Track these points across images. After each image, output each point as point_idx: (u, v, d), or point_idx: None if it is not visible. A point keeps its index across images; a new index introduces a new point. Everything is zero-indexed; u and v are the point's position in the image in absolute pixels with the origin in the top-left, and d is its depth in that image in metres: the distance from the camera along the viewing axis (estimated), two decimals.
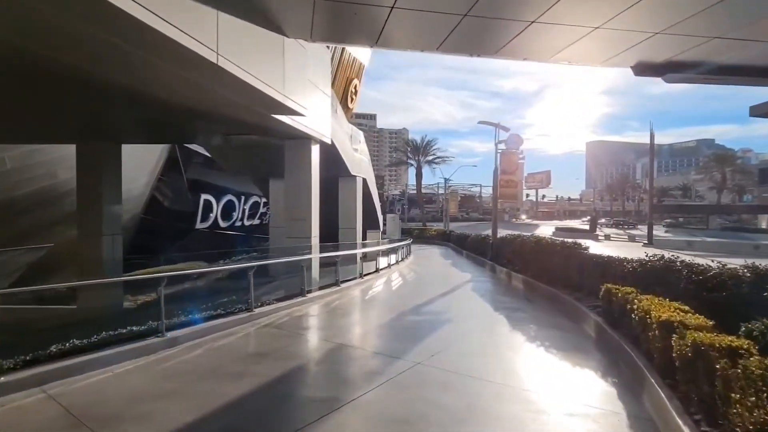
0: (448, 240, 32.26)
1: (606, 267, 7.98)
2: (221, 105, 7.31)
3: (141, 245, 21.49)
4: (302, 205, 10.31)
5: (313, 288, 10.11)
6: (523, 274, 12.17)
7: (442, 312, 8.33)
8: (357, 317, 8.03)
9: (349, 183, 15.55)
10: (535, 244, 11.84)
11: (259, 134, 10.17)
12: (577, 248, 9.80)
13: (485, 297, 10.36)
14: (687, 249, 31.09)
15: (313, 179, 10.41)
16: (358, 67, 39.85)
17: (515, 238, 14.36)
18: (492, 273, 15.30)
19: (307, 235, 10.29)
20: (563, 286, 9.71)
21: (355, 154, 15.39)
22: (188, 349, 5.56)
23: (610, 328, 5.95)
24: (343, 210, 15.61)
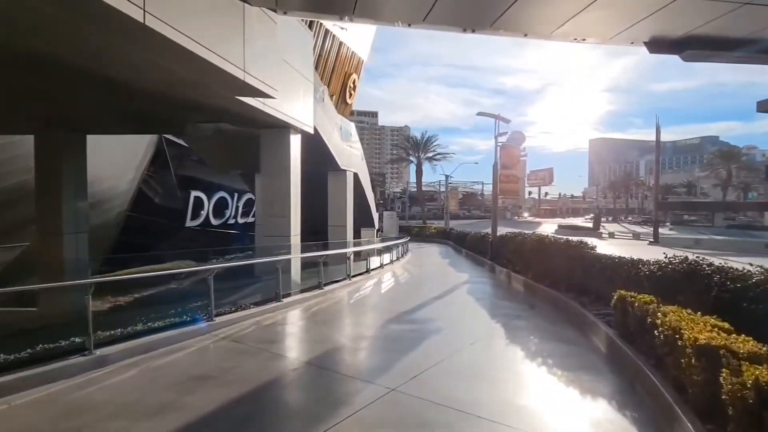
0: (448, 238, 31.34)
1: (616, 269, 7.02)
2: (177, 85, 6.39)
3: (128, 243, 20.63)
4: (280, 201, 9.38)
5: (292, 291, 9.20)
6: (524, 275, 11.22)
7: (431, 320, 7.39)
8: (332, 327, 7.10)
9: (339, 178, 14.62)
10: (537, 243, 10.88)
11: (232, 123, 9.25)
12: (583, 248, 8.84)
13: (482, 301, 9.42)
14: (695, 247, 30.03)
15: (293, 172, 9.48)
16: (357, 62, 39.00)
17: (515, 236, 13.40)
18: (491, 273, 14.35)
19: (285, 234, 9.37)
20: (567, 289, 8.76)
21: (345, 147, 14.45)
22: (118, 370, 4.64)
23: (625, 344, 5.00)
24: (332, 206, 14.68)
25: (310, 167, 14.76)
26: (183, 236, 24.81)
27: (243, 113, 8.14)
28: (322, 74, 33.16)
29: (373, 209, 19.82)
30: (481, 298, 9.85)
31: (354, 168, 15.48)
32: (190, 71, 5.66)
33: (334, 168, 14.11)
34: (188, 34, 4.71)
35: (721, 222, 58.68)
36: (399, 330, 6.77)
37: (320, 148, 12.81)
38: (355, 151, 15.88)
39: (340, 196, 14.63)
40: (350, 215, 15.03)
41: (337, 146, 13.67)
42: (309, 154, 13.60)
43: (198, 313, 6.52)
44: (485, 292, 11.10)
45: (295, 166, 9.67)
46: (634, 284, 6.24)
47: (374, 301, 9.39)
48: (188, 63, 5.28)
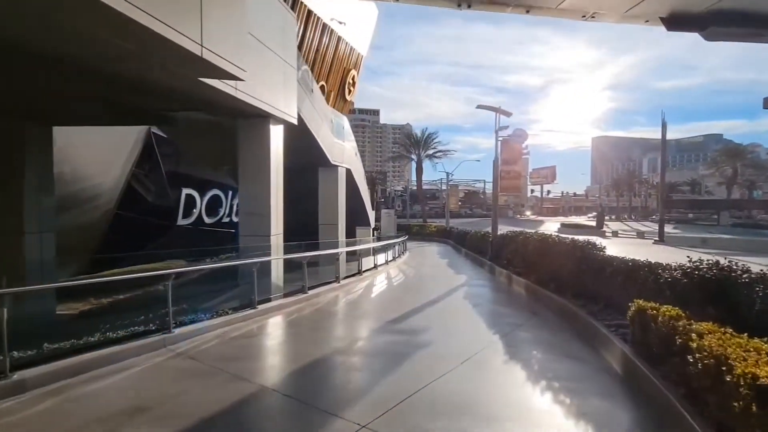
0: (449, 237, 30.54)
1: (631, 274, 6.19)
2: (126, 59, 5.57)
3: (115, 243, 19.89)
4: (259, 197, 8.58)
5: (272, 296, 8.42)
6: (526, 277, 10.40)
7: (422, 330, 6.57)
8: (308, 339, 6.29)
9: (330, 174, 13.81)
10: (540, 243, 10.06)
11: (208, 112, 8.43)
12: (591, 249, 8.01)
13: (479, 307, 8.60)
14: (702, 247, 29.17)
15: (274, 166, 8.67)
16: (356, 58, 38.18)
17: (516, 235, 12.58)
18: (490, 275, 13.52)
19: (265, 233, 8.56)
20: (574, 295, 7.93)
21: (336, 141, 13.63)
22: (34, 400, 3.85)
23: (647, 366, 4.19)
24: (323, 204, 13.88)
25: (298, 162, 13.94)
26: (175, 235, 24.05)
27: (215, 100, 7.31)
28: (319, 70, 32.43)
29: (368, 207, 19.01)
30: (479, 303, 9.03)
31: (346, 164, 14.66)
32: (137, 44, 4.85)
33: (324, 163, 13.30)
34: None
35: (726, 220, 57.77)
36: (383, 343, 5.96)
37: (308, 142, 12.00)
38: (347, 146, 15.05)
39: (331, 193, 13.82)
40: (342, 213, 14.23)
41: (328, 140, 12.85)
42: (296, 148, 12.79)
43: (155, 323, 5.73)
44: (484, 296, 10.28)
45: (277, 159, 8.86)
46: (652, 292, 5.42)
47: (361, 308, 8.58)
48: (131, 34, 4.47)
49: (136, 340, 5.23)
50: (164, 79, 6.46)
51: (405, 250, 23.17)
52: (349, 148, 15.25)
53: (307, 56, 30.63)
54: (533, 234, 11.33)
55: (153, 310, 6.24)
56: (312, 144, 12.11)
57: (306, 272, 9.17)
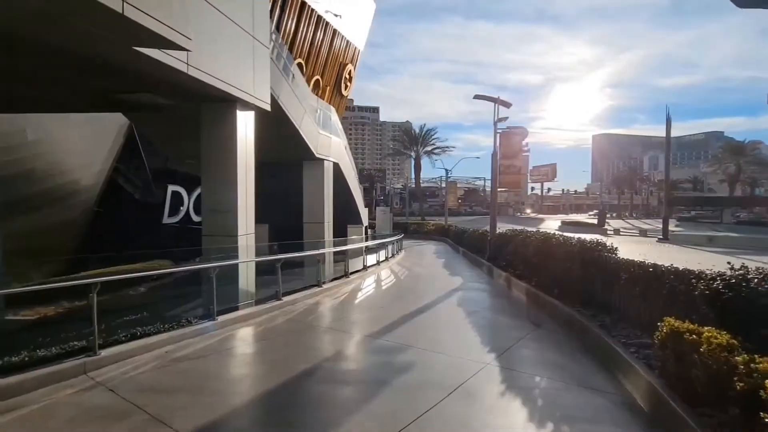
0: (446, 235, 29.56)
1: (653, 283, 5.18)
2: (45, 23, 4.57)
3: (96, 242, 18.92)
4: (224, 192, 7.57)
5: (240, 304, 7.43)
6: (527, 281, 9.40)
7: (405, 348, 5.57)
8: (264, 361, 5.29)
9: (315, 168, 12.80)
10: (542, 244, 9.06)
11: (163, 95, 7.41)
12: (602, 251, 7.00)
13: (474, 316, 7.59)
14: (708, 245, 28.22)
15: (242, 157, 7.66)
16: (353, 52, 37.08)
17: (517, 234, 11.58)
18: (489, 278, 12.53)
19: (231, 233, 7.55)
20: (582, 303, 6.94)
21: (322, 133, 12.61)
22: None
23: (686, 410, 3.19)
24: (308, 201, 12.88)
25: (280, 155, 12.93)
26: (161, 234, 23.05)
27: (168, 79, 6.30)
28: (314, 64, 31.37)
29: (359, 205, 18.00)
30: (475, 311, 8.02)
31: (334, 157, 13.65)
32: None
33: (308, 156, 12.29)
34: None
35: (729, 218, 56.79)
36: (356, 367, 4.96)
37: (290, 133, 10.99)
38: (335, 139, 14.02)
39: (317, 190, 12.82)
40: (329, 211, 13.23)
41: (311, 131, 11.84)
42: (276, 139, 11.77)
43: (80, 342, 4.73)
44: (480, 302, 9.27)
45: (246, 150, 7.84)
46: (682, 307, 4.43)
47: (341, 318, 7.56)
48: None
49: (46, 366, 4.22)
50: (102, 53, 5.44)
51: (400, 249, 22.17)
52: (338, 142, 14.23)
53: (301, 49, 29.60)
54: (535, 233, 10.33)
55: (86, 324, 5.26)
56: (293, 135, 11.10)
57: (280, 276, 8.17)
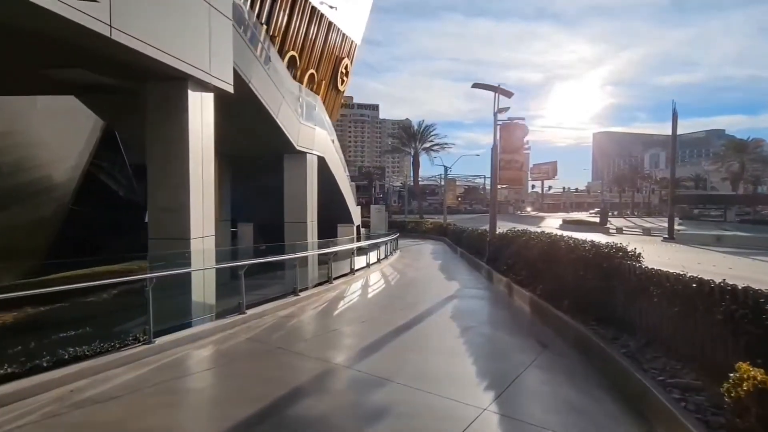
0: (445, 234, 28.42)
1: (699, 302, 4.02)
2: None
3: (72, 241, 17.78)
4: (174, 188, 6.41)
5: (195, 320, 6.29)
6: (530, 289, 8.26)
7: (381, 383, 4.41)
8: (194, 404, 4.15)
9: (296, 162, 11.62)
10: (549, 247, 7.90)
11: (89, 68, 6.24)
12: (623, 258, 5.84)
13: (470, 334, 6.42)
14: (716, 245, 27.11)
15: (196, 146, 6.50)
16: (349, 46, 35.76)
17: (519, 235, 10.42)
18: (488, 283, 11.37)
19: (182, 235, 6.39)
20: (599, 319, 5.80)
21: (304, 124, 11.44)
22: None
23: None
24: (289, 198, 11.71)
25: (257, 148, 11.77)
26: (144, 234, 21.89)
27: (90, 47, 5.13)
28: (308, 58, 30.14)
29: (350, 203, 16.82)
30: (470, 327, 6.86)
31: (318, 151, 12.47)
32: None
33: (289, 149, 11.12)
34: None
35: (733, 216, 55.70)
36: (317, 414, 3.79)
37: (266, 122, 9.82)
38: (320, 131, 12.84)
39: (298, 186, 11.65)
40: (312, 209, 12.07)
41: (291, 121, 10.66)
42: (250, 129, 10.63)
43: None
44: (477, 314, 8.11)
45: (202, 138, 6.68)
46: (750, 340, 3.28)
47: (310, 337, 6.36)
48: None
49: None
50: None
51: (395, 249, 21.04)
52: (323, 134, 13.05)
53: (294, 42, 28.38)
54: (540, 234, 9.17)
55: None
56: (270, 125, 9.93)
57: (243, 285, 7.00)
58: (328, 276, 10.49)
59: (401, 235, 32.35)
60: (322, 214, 15.29)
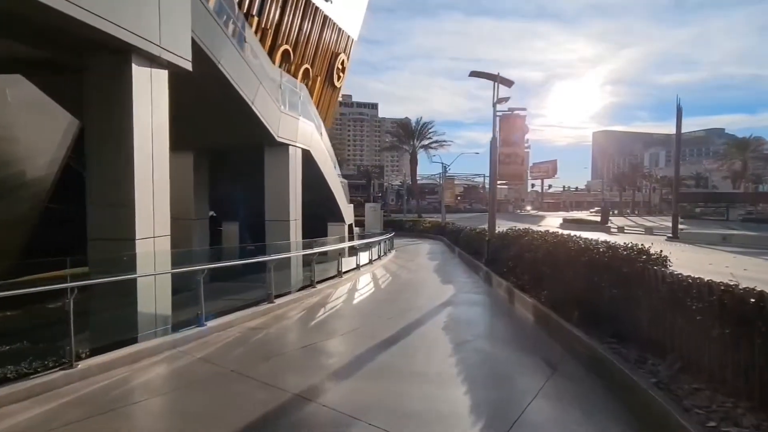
0: (443, 234, 27.48)
1: (761, 321, 3.08)
2: None
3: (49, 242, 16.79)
4: (117, 180, 5.45)
5: (143, 335, 5.34)
6: (534, 296, 7.32)
7: (349, 425, 3.46)
8: None
9: (277, 155, 10.66)
10: (556, 248, 6.94)
11: (8, 36, 5.27)
12: (646, 262, 4.88)
13: (464, 352, 5.46)
14: (722, 244, 26.22)
15: (140, 129, 5.54)
16: (346, 41, 34.77)
17: (520, 235, 9.47)
18: (486, 286, 10.41)
19: (127, 236, 5.43)
20: (617, 335, 4.85)
21: (285, 113, 10.46)
22: None
23: None
24: (270, 195, 10.74)
25: (236, 139, 10.80)
26: None
27: (4, 8, 4.18)
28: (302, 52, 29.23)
29: (341, 200, 15.85)
30: (465, 341, 5.90)
31: (303, 143, 11.50)
32: None
33: (269, 141, 10.16)
34: None
35: (735, 215, 54.86)
36: None
37: (241, 110, 8.86)
38: (305, 122, 11.85)
39: (280, 181, 10.68)
40: (296, 207, 11.11)
41: (271, 110, 9.69)
42: (225, 118, 9.66)
43: None
44: (474, 325, 7.13)
45: (150, 121, 5.71)
46: None
47: (274, 356, 5.32)
48: None
49: None
50: None
51: (391, 249, 20.10)
52: (309, 126, 12.07)
53: (288, 35, 27.41)
54: (544, 234, 8.21)
55: None
56: (246, 113, 8.96)
57: (202, 293, 6.04)
58: (310, 280, 9.54)
59: (399, 234, 31.39)
60: (310, 212, 14.36)
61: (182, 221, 11.78)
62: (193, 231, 11.47)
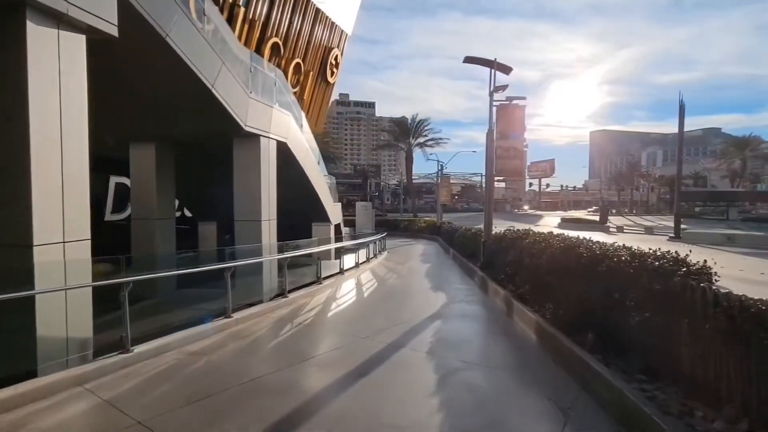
0: (438, 234, 26.36)
1: None
2: None
3: None
4: (6, 170, 4.27)
5: (45, 366, 4.18)
6: (537, 309, 6.18)
7: None
8: None
9: (247, 147, 9.45)
10: (564, 254, 5.79)
11: None
12: (685, 276, 3.76)
13: (450, 388, 4.32)
14: (727, 244, 25.20)
15: (38, 104, 4.36)
16: (339, 36, 33.48)
17: (520, 237, 8.33)
18: (482, 296, 9.25)
19: (22, 241, 4.25)
20: (651, 373, 3.72)
21: (255, 99, 9.25)
22: None
23: None
24: (239, 191, 9.54)
25: (201, 130, 9.63)
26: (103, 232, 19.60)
27: None
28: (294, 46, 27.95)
29: (325, 199, 14.67)
30: (454, 370, 4.75)
31: (279, 134, 10.31)
32: None
33: (236, 131, 8.97)
34: None
35: (735, 214, 54.08)
36: None
37: (198, 94, 7.67)
38: (282, 113, 10.65)
39: (251, 176, 9.48)
40: (270, 205, 9.91)
41: (236, 95, 8.49)
42: (176, 103, 8.49)
43: None
44: (466, 347, 5.92)
45: (58, 97, 4.53)
46: None
47: (203, 397, 4.14)
48: None
49: None
50: None
51: (382, 250, 18.96)
52: (286, 116, 10.87)
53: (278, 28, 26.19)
54: (548, 236, 7.07)
55: None
56: (205, 98, 7.77)
57: (126, 312, 4.86)
58: (281, 289, 8.38)
59: (393, 234, 30.22)
60: (291, 212, 13.17)
61: (142, 221, 10.59)
62: (155, 232, 10.27)
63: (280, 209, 10.42)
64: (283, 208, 11.44)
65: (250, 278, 8.25)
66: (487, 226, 11.64)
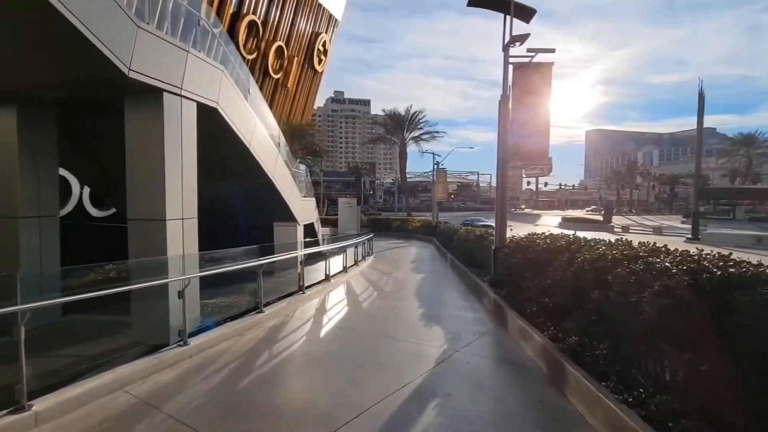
0: (434, 234, 23.19)
1: None
2: None
3: None
4: None
5: None
6: (620, 380, 3.02)
7: None
8: None
9: (143, 108, 6.11)
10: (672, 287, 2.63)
11: None
12: None
13: None
14: (758, 246, 22.32)
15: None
16: (328, 20, 30.28)
17: (560, 248, 5.16)
18: (499, 334, 6.01)
19: None
20: None
21: (150, 32, 5.93)
22: None
23: None
24: (133, 177, 6.23)
25: (65, 77, 6.33)
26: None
27: None
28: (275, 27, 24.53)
29: (289, 193, 11.40)
30: None
31: (200, 94, 6.97)
32: None
33: (120, 82, 5.67)
34: None
35: (742, 214, 51.81)
36: None
37: (43, 16, 4.43)
38: (208, 65, 7.26)
39: (149, 153, 6.17)
40: (189, 198, 6.59)
41: (108, 16, 5.21)
42: (23, 33, 5.22)
43: None
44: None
45: None
46: None
47: None
48: None
49: None
50: None
51: (368, 254, 15.79)
52: (217, 73, 7.54)
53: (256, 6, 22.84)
54: (611, 248, 3.93)
55: None
56: (50, 17, 4.50)
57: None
58: (179, 330, 5.15)
59: (384, 235, 27.01)
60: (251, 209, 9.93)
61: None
62: (19, 235, 6.93)
63: (227, 206, 7.14)
64: (232, 205, 8.23)
65: (154, 303, 5.08)
66: (500, 230, 8.46)
